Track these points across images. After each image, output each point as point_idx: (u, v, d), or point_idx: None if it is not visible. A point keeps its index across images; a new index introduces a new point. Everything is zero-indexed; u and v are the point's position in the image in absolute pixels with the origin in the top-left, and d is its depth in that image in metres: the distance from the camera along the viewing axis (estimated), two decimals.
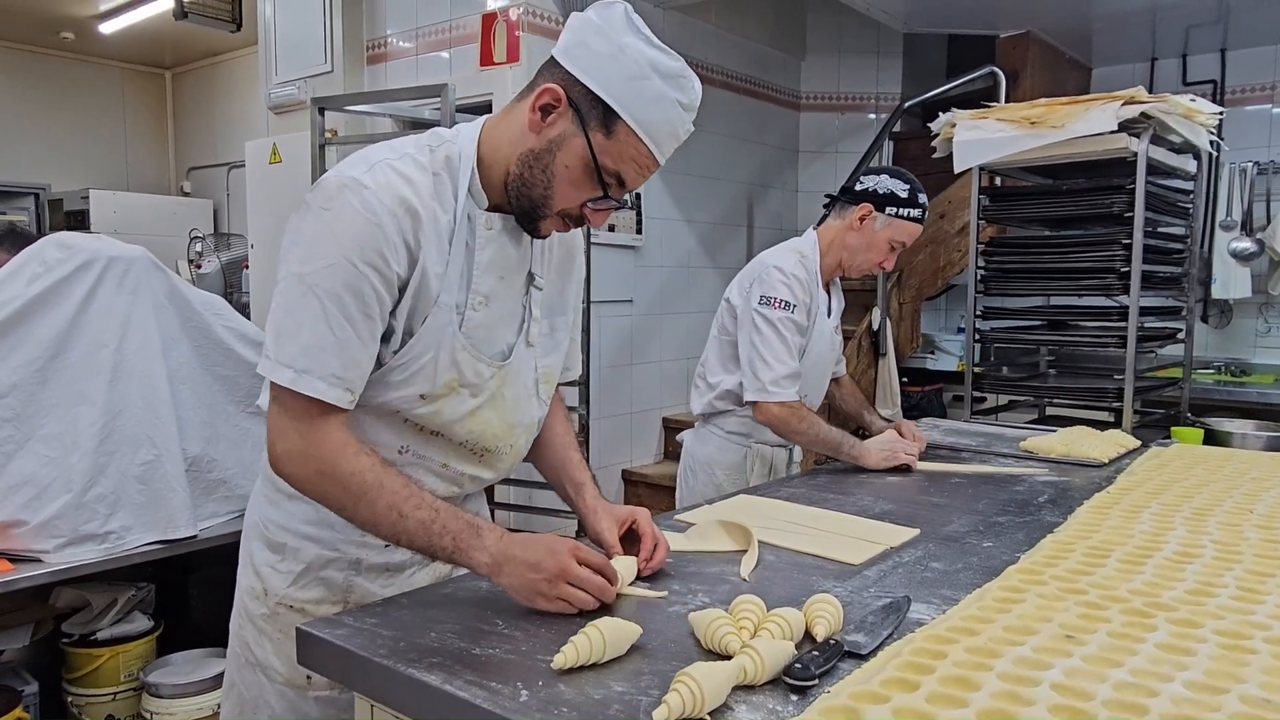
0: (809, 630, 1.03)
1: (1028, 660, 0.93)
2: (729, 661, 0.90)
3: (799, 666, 0.91)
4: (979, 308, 3.18)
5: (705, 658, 0.97)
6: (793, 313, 2.12)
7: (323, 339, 1.09)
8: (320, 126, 3.50)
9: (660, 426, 4.70)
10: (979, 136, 2.88)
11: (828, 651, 0.96)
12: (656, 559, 1.27)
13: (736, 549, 1.41)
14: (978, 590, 1.19)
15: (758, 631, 1.00)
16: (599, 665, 0.96)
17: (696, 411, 2.36)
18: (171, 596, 2.53)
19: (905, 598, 1.16)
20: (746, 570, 1.31)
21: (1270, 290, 4.39)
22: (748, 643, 0.94)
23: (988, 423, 2.91)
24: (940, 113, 3.05)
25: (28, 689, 2.18)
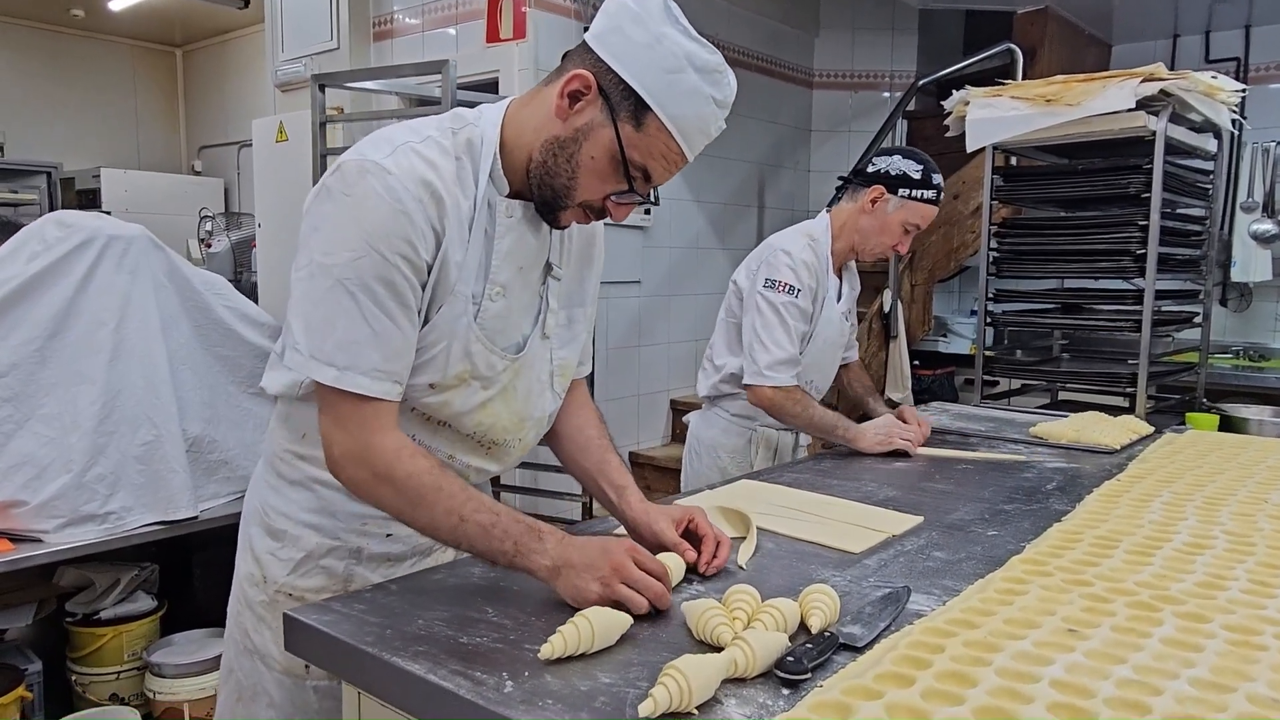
0: (804, 621, 1.01)
1: (1028, 655, 0.90)
2: (719, 654, 0.88)
3: (791, 659, 0.89)
4: (991, 290, 3.13)
5: (697, 649, 0.95)
6: (797, 297, 2.08)
7: (358, 333, 1.05)
8: (321, 104, 3.44)
9: (668, 409, 4.68)
10: (992, 115, 2.82)
11: (822, 644, 0.93)
12: (720, 558, 1.22)
13: (735, 535, 1.38)
14: (980, 581, 1.16)
15: (751, 622, 0.98)
16: (588, 655, 0.94)
17: (702, 394, 2.34)
18: (175, 576, 2.54)
19: (905, 588, 1.14)
20: (744, 558, 1.28)
21: None
22: (740, 634, 0.92)
23: (998, 407, 2.87)
24: (955, 91, 2.99)
25: (31, 667, 2.20)
